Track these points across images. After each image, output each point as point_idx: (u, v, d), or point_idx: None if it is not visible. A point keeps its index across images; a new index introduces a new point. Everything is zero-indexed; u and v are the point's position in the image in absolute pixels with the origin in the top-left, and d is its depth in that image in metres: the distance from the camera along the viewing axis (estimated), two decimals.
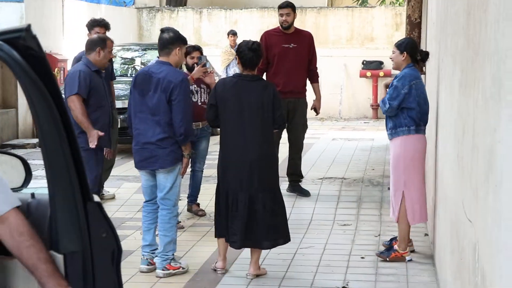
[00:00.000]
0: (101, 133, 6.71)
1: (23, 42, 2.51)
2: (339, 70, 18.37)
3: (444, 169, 5.48)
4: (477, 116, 3.35)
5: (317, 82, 9.10)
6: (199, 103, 8.15)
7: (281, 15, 8.94)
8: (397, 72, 6.66)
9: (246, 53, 6.15)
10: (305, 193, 8.94)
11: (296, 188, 9.01)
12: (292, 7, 8.95)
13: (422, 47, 10.18)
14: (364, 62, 18.12)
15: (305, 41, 9.00)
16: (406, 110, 6.41)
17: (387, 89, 6.59)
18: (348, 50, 18.50)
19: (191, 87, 8.01)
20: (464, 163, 3.92)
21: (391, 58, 6.63)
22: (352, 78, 18.32)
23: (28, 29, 2.52)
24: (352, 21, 18.71)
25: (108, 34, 8.15)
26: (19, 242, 2.61)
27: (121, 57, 13.79)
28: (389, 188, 7.18)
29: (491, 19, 2.95)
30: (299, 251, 6.89)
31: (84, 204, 2.64)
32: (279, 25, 9.04)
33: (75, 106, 6.71)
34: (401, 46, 6.52)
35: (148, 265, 6.32)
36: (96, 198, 2.70)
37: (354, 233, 7.53)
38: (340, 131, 15.67)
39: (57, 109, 2.55)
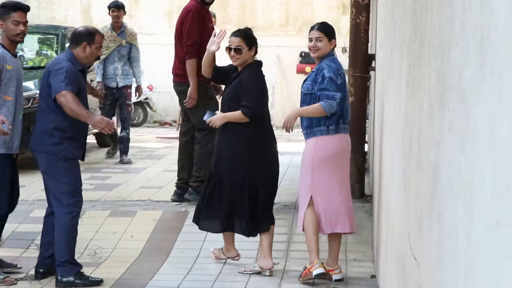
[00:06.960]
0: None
1: None
2: (270, 63, 18.41)
3: (391, 191, 5.51)
4: (422, 124, 3.36)
5: None
6: None
7: None
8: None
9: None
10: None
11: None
12: None
13: (371, 35, 10.31)
14: (303, 54, 18.22)
15: None
16: None
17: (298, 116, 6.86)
18: (282, 38, 18.59)
19: None
20: (410, 184, 3.94)
21: (313, 48, 6.99)
22: (287, 75, 18.40)
23: None
24: (287, 2, 18.82)
25: None
26: None
27: None
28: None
29: (436, 2, 2.97)
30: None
31: None
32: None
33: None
34: (329, 32, 6.92)
35: None
36: None
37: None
38: None
39: None
